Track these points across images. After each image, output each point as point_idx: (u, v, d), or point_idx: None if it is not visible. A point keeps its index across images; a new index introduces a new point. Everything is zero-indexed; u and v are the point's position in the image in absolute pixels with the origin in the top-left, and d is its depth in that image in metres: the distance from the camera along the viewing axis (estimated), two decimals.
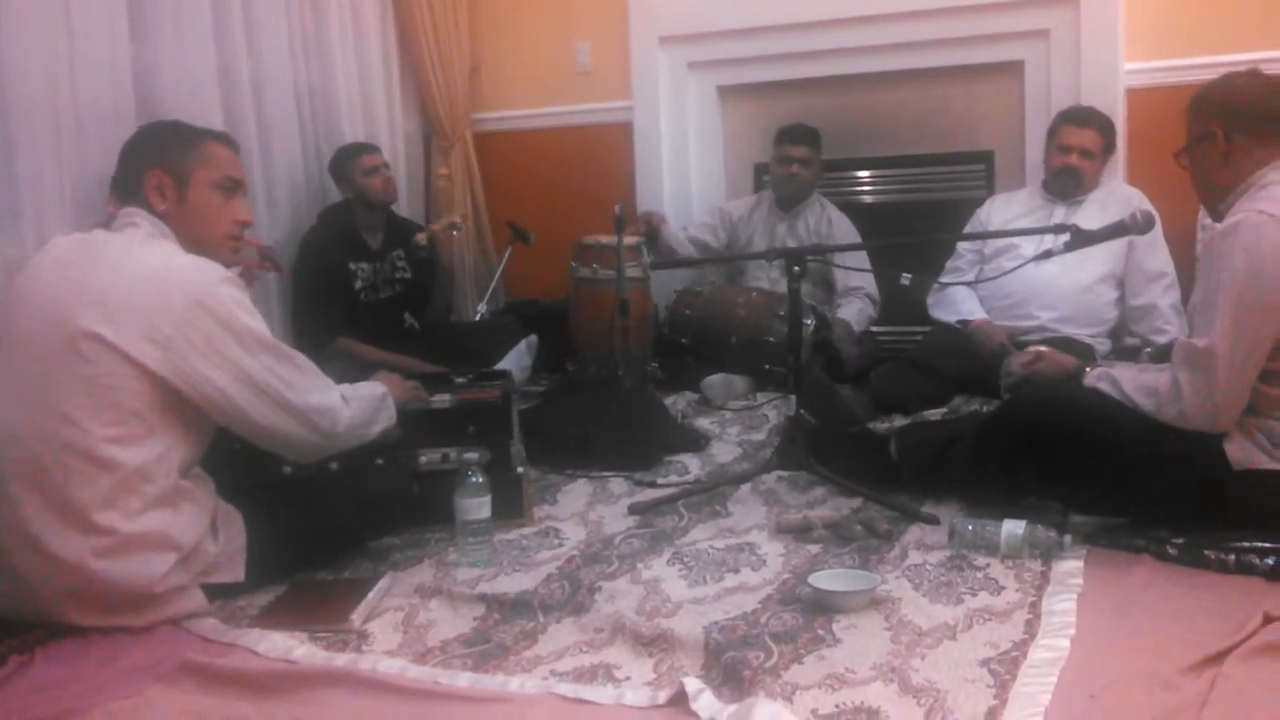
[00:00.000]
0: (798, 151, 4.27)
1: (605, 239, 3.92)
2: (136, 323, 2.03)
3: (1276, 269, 2.14)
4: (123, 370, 2.02)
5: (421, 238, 4.07)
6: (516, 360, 3.95)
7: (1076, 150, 3.69)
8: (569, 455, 3.15)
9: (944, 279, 3.92)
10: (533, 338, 4.08)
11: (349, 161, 3.96)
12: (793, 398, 2.79)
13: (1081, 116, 3.73)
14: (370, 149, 4.05)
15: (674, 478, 3.04)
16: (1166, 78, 3.90)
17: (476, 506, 2.40)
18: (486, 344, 4.01)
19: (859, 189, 4.69)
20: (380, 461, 2.58)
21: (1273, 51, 3.64)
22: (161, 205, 2.18)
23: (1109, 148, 3.75)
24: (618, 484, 2.98)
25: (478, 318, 4.49)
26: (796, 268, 2.75)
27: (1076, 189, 3.73)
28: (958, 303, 3.84)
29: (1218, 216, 2.35)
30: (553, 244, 4.48)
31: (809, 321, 3.82)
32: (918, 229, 4.37)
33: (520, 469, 2.70)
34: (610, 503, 2.84)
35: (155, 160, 2.19)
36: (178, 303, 2.05)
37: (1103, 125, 3.73)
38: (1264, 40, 3.76)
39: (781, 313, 3.82)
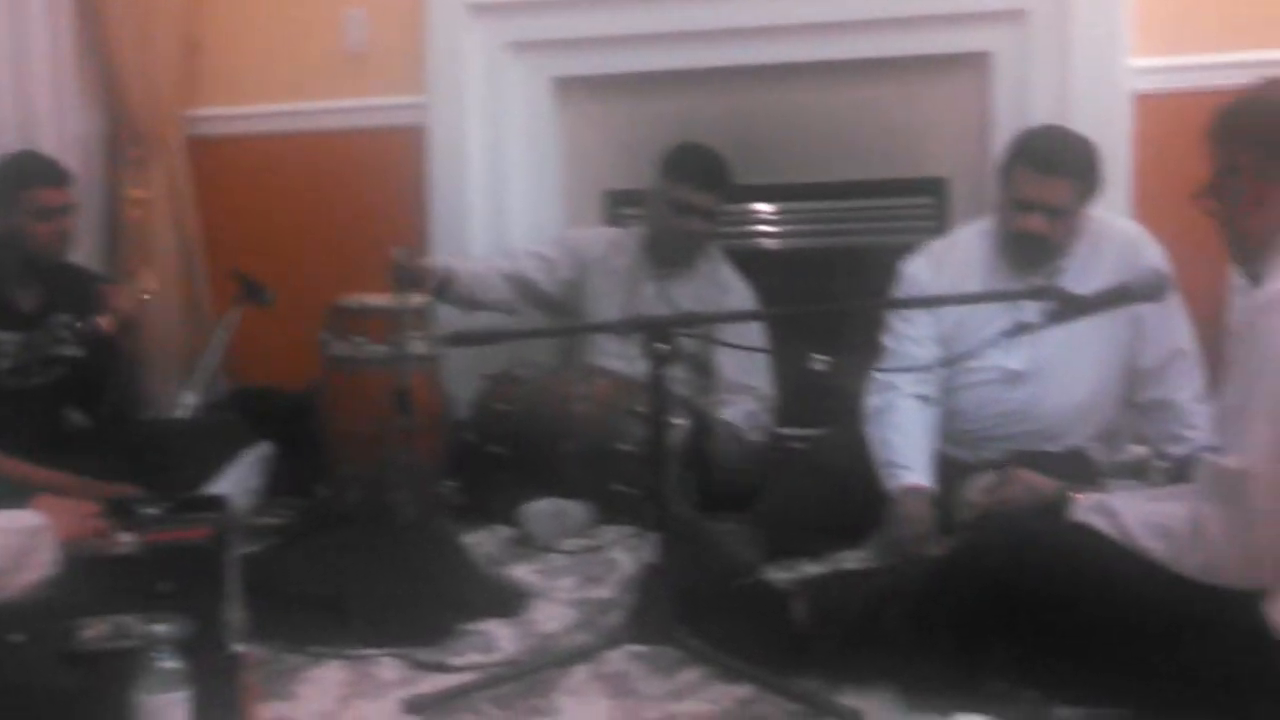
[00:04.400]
0: (702, 200, 4.27)
1: (375, 299, 3.93)
2: None
3: None
4: None
5: (107, 322, 3.95)
6: (239, 480, 3.92)
7: (1040, 209, 3.49)
8: (315, 624, 3.11)
9: (887, 365, 3.66)
10: (265, 446, 4.07)
11: (18, 187, 3.91)
12: (655, 535, 2.80)
13: (1046, 159, 3.49)
14: (55, 177, 4.00)
15: (474, 657, 3.02)
16: (1190, 80, 4.09)
17: (167, 708, 2.33)
18: (194, 454, 3.95)
19: (755, 229, 4.82)
20: (18, 638, 2.50)
21: None
22: None
23: (1087, 193, 3.55)
24: (389, 667, 2.96)
25: (182, 414, 4.42)
26: (664, 345, 2.78)
27: (1044, 256, 3.56)
28: (897, 431, 3.56)
29: (1254, 278, 2.46)
30: (300, 305, 4.43)
31: (679, 422, 3.87)
32: (840, 289, 4.46)
33: (238, 648, 2.65)
34: (376, 695, 2.81)
35: None
36: None
37: (1077, 168, 3.52)
38: None
39: (640, 408, 3.85)
